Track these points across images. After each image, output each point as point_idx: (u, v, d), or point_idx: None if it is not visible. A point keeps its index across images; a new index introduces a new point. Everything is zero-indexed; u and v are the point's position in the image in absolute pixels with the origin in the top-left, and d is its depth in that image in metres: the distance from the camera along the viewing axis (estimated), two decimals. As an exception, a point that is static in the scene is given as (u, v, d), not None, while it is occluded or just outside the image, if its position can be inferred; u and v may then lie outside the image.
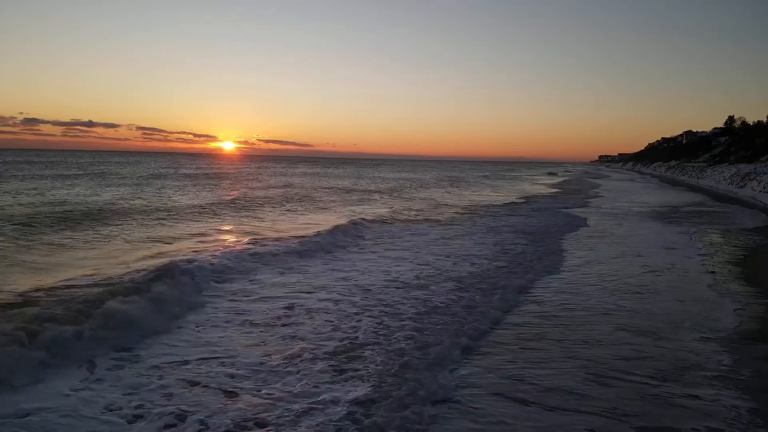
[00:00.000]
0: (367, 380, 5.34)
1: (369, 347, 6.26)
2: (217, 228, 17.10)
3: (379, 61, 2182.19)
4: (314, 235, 14.32)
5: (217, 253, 11.52)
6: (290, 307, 7.88)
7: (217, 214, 20.76)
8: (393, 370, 5.55)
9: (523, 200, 31.38)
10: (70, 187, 32.31)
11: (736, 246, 14.71)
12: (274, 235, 15.35)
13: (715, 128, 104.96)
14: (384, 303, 8.20)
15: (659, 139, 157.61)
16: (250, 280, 9.67)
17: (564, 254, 12.82)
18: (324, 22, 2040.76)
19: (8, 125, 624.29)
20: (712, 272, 10.92)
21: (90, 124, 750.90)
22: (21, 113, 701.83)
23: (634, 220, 20.73)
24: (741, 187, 39.29)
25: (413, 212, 23.41)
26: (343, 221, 17.82)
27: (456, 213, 23.21)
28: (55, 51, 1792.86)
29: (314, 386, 5.20)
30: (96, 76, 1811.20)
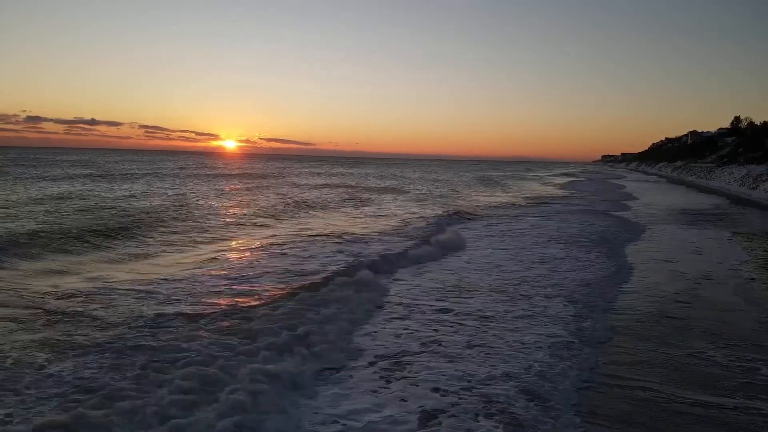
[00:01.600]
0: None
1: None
2: (321, 228, 17.44)
3: (379, 61, 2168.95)
4: (426, 229, 17.06)
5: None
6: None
7: (295, 214, 21.47)
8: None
9: (565, 201, 31.87)
10: (126, 188, 31.21)
11: (766, 251, 15.00)
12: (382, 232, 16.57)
13: (720, 128, 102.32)
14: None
15: (663, 139, 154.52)
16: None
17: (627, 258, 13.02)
18: (324, 22, 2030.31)
19: (11, 123, 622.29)
20: (752, 279, 10.96)
21: (92, 122, 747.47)
22: (24, 111, 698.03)
23: (667, 223, 20.48)
24: (753, 188, 38.95)
25: (477, 207, 26.28)
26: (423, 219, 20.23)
27: (520, 209, 26.15)
28: (56, 50, 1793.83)
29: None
30: (97, 75, 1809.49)
